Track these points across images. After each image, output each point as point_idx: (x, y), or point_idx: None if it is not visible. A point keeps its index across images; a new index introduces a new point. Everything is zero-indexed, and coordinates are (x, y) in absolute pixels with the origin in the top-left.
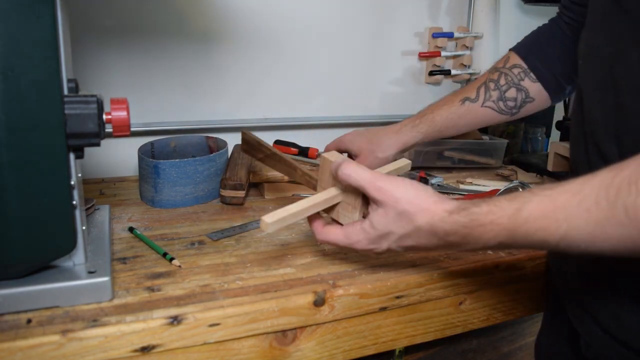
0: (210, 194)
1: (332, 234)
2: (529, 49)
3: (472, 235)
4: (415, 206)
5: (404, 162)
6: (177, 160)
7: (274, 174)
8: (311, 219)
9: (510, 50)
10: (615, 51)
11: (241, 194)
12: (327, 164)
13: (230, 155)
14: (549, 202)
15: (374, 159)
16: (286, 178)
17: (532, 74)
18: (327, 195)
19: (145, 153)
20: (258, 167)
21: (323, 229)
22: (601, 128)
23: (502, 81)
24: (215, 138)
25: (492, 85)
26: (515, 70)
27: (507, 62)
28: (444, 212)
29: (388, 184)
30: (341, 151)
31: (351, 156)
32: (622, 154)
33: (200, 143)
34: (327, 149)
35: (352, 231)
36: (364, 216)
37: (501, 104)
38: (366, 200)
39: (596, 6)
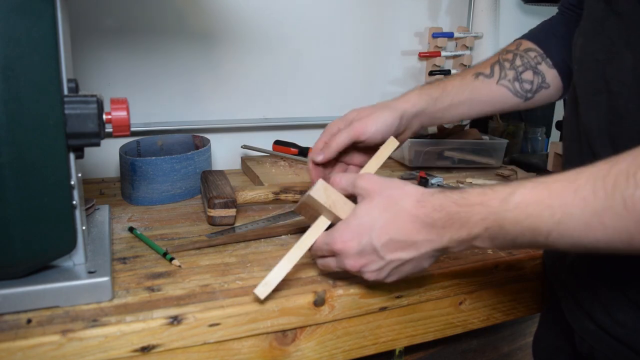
0: (188, 192)
1: (316, 243)
2: (544, 35)
3: (459, 216)
4: (402, 191)
5: (392, 143)
6: (153, 157)
7: (257, 193)
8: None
9: (518, 39)
10: (609, 55)
11: (232, 212)
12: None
13: (204, 178)
14: (543, 188)
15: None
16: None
17: (548, 60)
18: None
19: (131, 151)
20: (240, 187)
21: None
22: (595, 131)
23: (518, 62)
24: (202, 137)
25: (507, 64)
26: (532, 54)
27: (520, 46)
28: (433, 190)
29: (376, 176)
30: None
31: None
32: None
33: (187, 142)
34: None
35: (333, 229)
36: None
37: (517, 85)
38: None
39: (591, 12)
